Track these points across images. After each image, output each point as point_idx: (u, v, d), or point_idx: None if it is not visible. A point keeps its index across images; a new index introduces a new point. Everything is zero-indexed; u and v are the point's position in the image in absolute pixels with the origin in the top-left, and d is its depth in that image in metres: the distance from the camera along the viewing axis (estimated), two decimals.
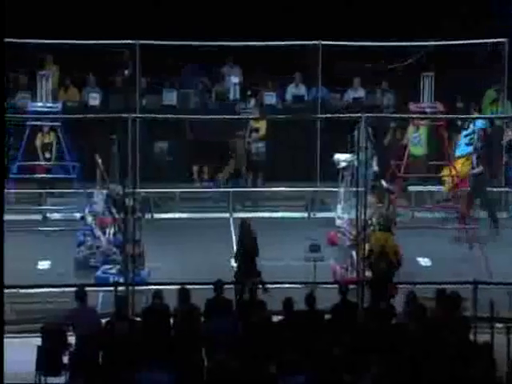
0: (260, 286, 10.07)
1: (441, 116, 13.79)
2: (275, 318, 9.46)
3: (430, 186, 14.81)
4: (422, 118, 13.98)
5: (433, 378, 8.17)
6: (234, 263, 11.30)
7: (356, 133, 11.19)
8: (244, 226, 11.39)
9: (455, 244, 13.23)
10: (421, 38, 14.63)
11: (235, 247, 11.89)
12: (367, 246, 11.08)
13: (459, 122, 14.98)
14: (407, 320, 9.20)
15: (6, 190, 12.87)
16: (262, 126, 15.20)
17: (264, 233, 13.81)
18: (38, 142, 14.27)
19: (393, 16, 15.58)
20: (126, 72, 15.39)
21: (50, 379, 9.32)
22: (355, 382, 8.10)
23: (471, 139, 14.27)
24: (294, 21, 15.24)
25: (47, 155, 14.11)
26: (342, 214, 13.24)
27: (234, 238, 13.61)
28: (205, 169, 15.28)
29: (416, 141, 14.74)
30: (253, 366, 8.51)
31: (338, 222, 13.29)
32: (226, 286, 9.96)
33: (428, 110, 13.70)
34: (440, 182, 14.53)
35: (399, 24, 15.21)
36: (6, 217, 12.59)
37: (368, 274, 11.05)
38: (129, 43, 14.59)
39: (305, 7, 15.60)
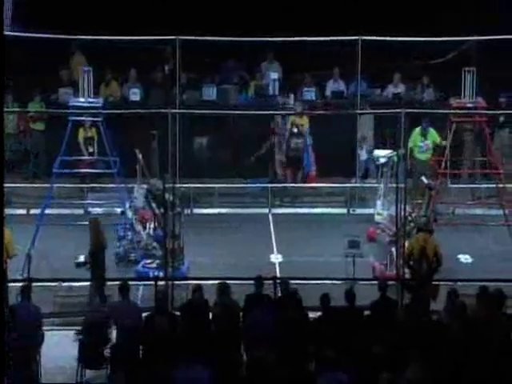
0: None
1: (481, 112, 13.59)
2: (313, 314, 9.44)
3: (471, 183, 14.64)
4: (463, 114, 13.79)
5: (475, 377, 8.09)
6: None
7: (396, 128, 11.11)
8: (92, 224, 11.35)
9: (497, 241, 13.08)
10: (459, 34, 14.47)
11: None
12: (407, 246, 10.98)
13: (501, 118, 14.77)
14: (448, 318, 9.12)
15: (48, 185, 13.02)
16: (306, 122, 15.13)
17: (303, 229, 13.86)
18: (80, 137, 14.38)
19: (432, 11, 15.41)
20: (167, 68, 15.45)
21: (91, 372, 9.43)
22: (395, 380, 8.05)
23: None
24: (333, 16, 15.16)
25: (90, 149, 14.22)
26: (381, 210, 13.16)
27: (272, 233, 13.64)
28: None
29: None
30: (291, 363, 8.51)
31: (378, 218, 13.21)
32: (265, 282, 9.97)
33: (469, 105, 13.52)
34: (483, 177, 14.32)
35: (438, 19, 15.05)
36: (49, 211, 12.83)
37: (407, 273, 10.96)
38: (169, 39, 14.65)
39: (344, 2, 15.50)
